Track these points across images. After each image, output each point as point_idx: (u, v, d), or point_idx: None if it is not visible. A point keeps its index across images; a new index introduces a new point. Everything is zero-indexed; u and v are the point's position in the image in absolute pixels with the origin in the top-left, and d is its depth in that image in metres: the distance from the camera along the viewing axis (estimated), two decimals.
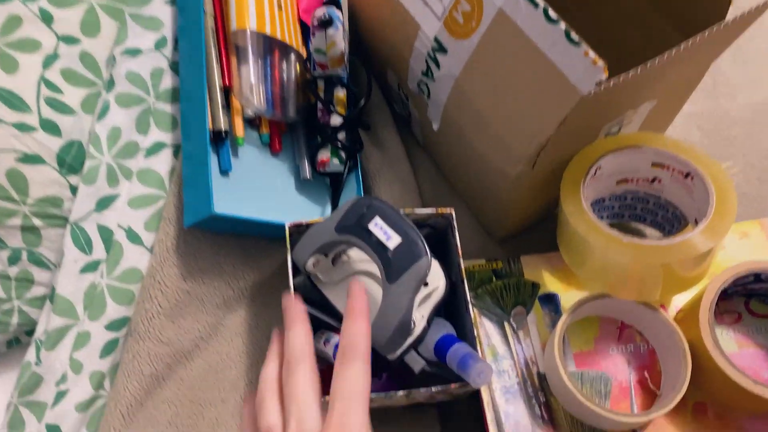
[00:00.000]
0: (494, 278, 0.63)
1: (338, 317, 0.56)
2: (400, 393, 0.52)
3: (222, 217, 0.56)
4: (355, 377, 0.38)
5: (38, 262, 0.61)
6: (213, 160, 0.59)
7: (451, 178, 0.71)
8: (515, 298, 0.61)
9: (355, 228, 0.52)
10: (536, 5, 0.48)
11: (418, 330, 0.52)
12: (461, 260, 0.57)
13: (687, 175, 0.56)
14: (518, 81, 0.52)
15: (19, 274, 0.61)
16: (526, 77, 0.51)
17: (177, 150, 0.62)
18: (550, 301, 0.61)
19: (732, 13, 0.51)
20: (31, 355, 0.58)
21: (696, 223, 0.55)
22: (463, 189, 0.69)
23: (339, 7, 0.67)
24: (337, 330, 0.56)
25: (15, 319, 0.62)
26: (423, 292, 0.54)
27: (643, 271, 0.53)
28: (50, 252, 0.61)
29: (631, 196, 0.63)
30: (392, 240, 0.50)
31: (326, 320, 0.56)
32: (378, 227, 0.51)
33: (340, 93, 0.67)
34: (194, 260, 0.60)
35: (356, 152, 0.67)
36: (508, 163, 0.56)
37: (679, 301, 0.60)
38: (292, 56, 0.67)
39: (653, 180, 0.59)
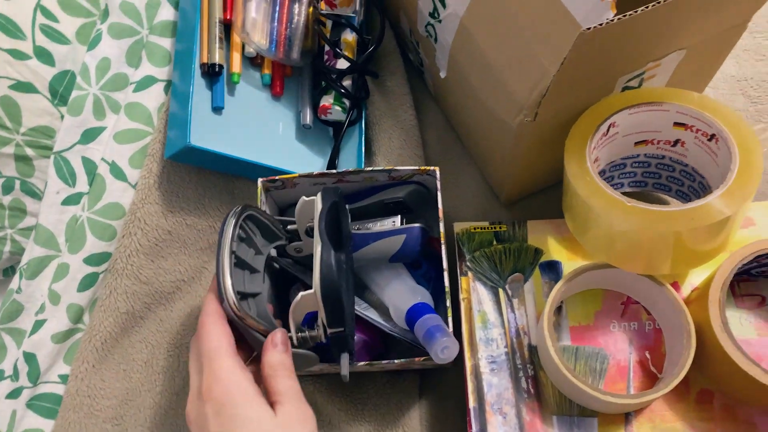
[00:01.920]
0: (495, 242, 0.58)
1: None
2: (361, 363, 0.49)
3: (201, 151, 0.54)
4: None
5: (30, 192, 0.61)
6: (200, 94, 0.57)
7: (459, 131, 0.66)
8: (514, 264, 0.57)
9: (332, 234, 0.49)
10: None
11: None
12: (441, 222, 0.53)
13: (712, 137, 0.49)
14: (521, 18, 0.47)
15: (12, 203, 0.60)
16: (529, 14, 0.46)
17: (168, 86, 0.60)
18: (552, 269, 0.56)
19: None
20: (14, 283, 0.58)
21: None
22: (470, 144, 0.65)
23: None
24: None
25: (8, 248, 0.62)
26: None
27: (650, 240, 0.47)
28: (41, 183, 0.60)
29: (656, 162, 0.57)
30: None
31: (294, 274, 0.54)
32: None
33: (349, 36, 0.64)
34: (177, 200, 0.58)
35: (361, 101, 0.64)
36: (510, 113, 0.51)
37: (696, 278, 0.54)
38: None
39: (675, 143, 0.53)
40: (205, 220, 0.59)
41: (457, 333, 0.54)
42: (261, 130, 0.61)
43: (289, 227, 0.53)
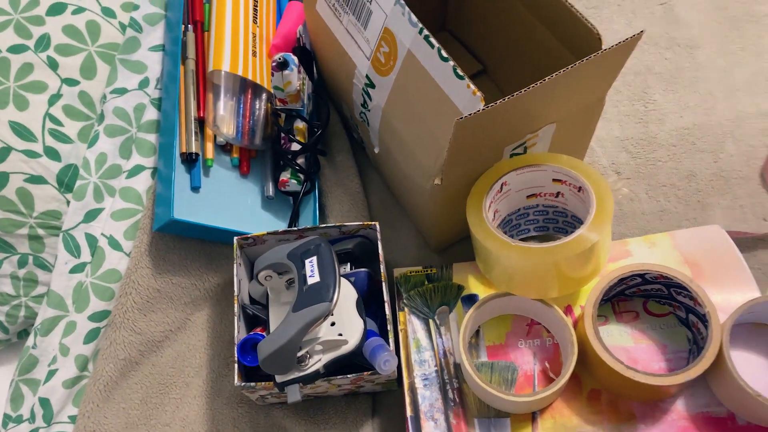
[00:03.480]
0: (426, 282, 0.71)
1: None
2: (320, 381, 0.61)
3: (183, 223, 0.67)
4: None
5: (42, 265, 0.73)
6: (181, 176, 0.71)
7: (395, 193, 0.80)
8: (441, 299, 0.70)
9: (297, 258, 0.62)
10: (432, 46, 0.58)
11: (310, 369, 0.59)
12: (382, 266, 0.66)
13: (579, 188, 0.64)
14: (424, 108, 0.62)
15: (26, 275, 0.73)
16: (429, 105, 0.61)
17: (154, 172, 0.74)
18: (471, 301, 0.69)
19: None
20: (30, 341, 0.70)
21: None
22: (404, 203, 0.79)
23: (306, 52, 0.79)
24: (267, 328, 0.66)
25: (22, 313, 0.74)
26: (332, 337, 0.60)
27: (536, 271, 0.61)
28: (51, 257, 0.73)
29: (552, 210, 0.71)
30: (313, 278, 0.59)
31: (264, 318, 0.66)
32: (310, 264, 0.61)
33: (300, 124, 0.78)
34: (164, 264, 0.71)
35: (313, 174, 0.78)
36: (423, 179, 0.65)
37: (584, 301, 0.67)
38: (263, 94, 0.78)
39: (557, 194, 0.67)
40: (187, 279, 0.72)
41: (398, 357, 0.66)
42: (232, 202, 0.75)
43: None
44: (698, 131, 0.81)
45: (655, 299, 0.66)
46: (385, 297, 0.65)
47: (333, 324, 0.62)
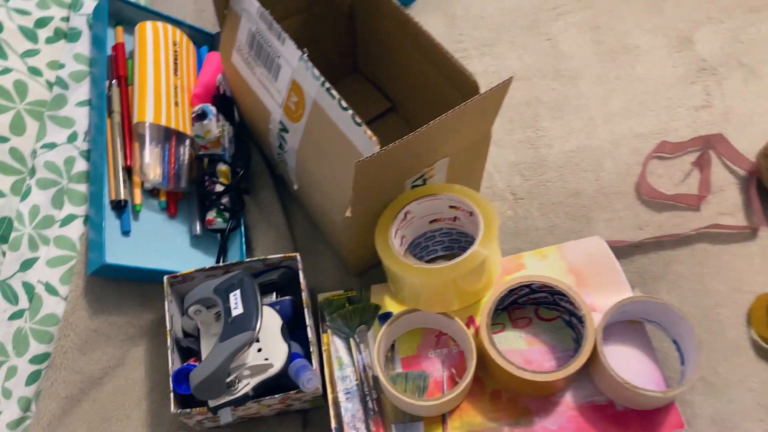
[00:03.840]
0: (347, 304, 0.79)
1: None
2: (250, 402, 0.67)
3: (115, 266, 0.73)
4: None
5: None
6: (111, 222, 0.76)
7: (315, 224, 0.88)
8: (360, 319, 0.77)
9: (222, 292, 0.68)
10: (333, 97, 0.66)
11: (240, 392, 0.65)
12: (304, 293, 0.73)
13: (471, 213, 0.73)
14: (332, 151, 0.70)
15: None
16: (335, 148, 0.69)
17: (86, 219, 0.79)
18: (387, 319, 0.77)
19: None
20: None
21: None
22: (324, 233, 0.86)
23: (226, 99, 0.86)
24: (200, 358, 0.71)
25: None
26: (258, 362, 0.66)
27: (437, 288, 0.69)
28: None
29: (456, 232, 0.80)
30: (238, 310, 0.66)
31: (197, 349, 0.72)
32: (234, 297, 0.67)
33: (222, 167, 0.85)
34: (100, 305, 0.76)
35: (238, 212, 0.84)
36: (336, 213, 0.72)
37: None
38: (187, 140, 0.85)
39: (454, 219, 0.76)
40: (123, 318, 0.77)
41: (322, 375, 0.73)
42: (162, 243, 0.81)
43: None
44: (582, 153, 0.92)
45: (544, 306, 0.75)
46: (308, 321, 0.72)
47: (260, 350, 0.69)
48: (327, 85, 0.67)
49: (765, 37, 0.99)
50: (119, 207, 0.78)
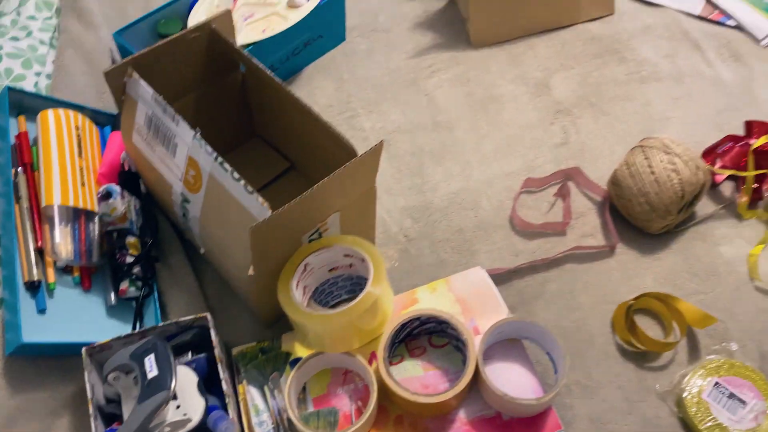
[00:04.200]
0: (260, 355, 0.85)
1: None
2: None
3: (33, 344, 0.77)
4: None
5: None
6: (27, 302, 0.80)
7: (226, 281, 0.94)
8: (273, 367, 0.84)
9: (138, 357, 0.74)
10: (226, 170, 0.74)
11: None
12: (216, 349, 0.79)
13: (363, 259, 0.82)
14: (230, 217, 0.77)
15: None
16: (233, 214, 0.76)
17: (1, 302, 0.83)
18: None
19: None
20: None
21: None
22: (234, 289, 0.93)
23: (131, 175, 0.92)
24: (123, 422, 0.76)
25: None
26: (178, 418, 0.72)
27: (337, 330, 0.77)
28: None
29: (356, 276, 0.88)
30: (153, 372, 0.72)
31: (120, 414, 0.77)
32: (149, 360, 0.73)
33: (131, 239, 0.90)
34: (21, 383, 0.79)
35: (149, 280, 0.90)
36: (241, 271, 0.80)
37: None
38: (96, 217, 0.90)
39: (350, 265, 0.85)
40: (45, 393, 0.81)
41: (241, 423, 0.79)
42: (78, 316, 0.85)
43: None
44: (462, 194, 1.03)
45: (435, 334, 0.84)
46: (222, 375, 0.78)
47: (178, 406, 0.74)
48: (219, 159, 0.75)
49: (607, 80, 1.15)
50: (33, 287, 0.82)
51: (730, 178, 1.01)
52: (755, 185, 0.98)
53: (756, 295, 0.91)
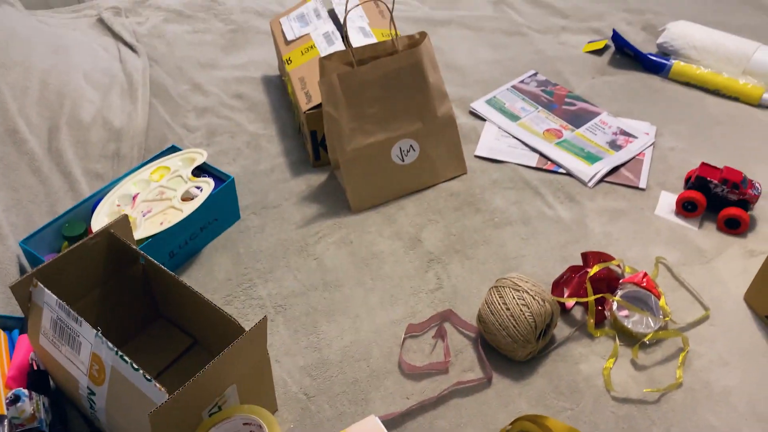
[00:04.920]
0: None
1: None
2: None
3: None
4: None
5: None
6: None
7: None
8: None
9: None
10: (126, 362, 0.83)
11: None
12: None
13: (260, 425, 0.90)
14: (133, 404, 0.85)
15: None
16: (135, 401, 0.84)
17: None
18: None
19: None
20: None
21: None
22: None
23: (41, 373, 0.98)
24: None
25: None
26: None
27: None
28: None
29: None
30: None
31: None
32: None
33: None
34: None
35: None
36: None
37: None
38: (5, 420, 0.95)
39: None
40: None
41: None
42: None
43: None
44: (354, 346, 1.15)
45: None
46: None
47: None
48: (119, 353, 0.84)
49: (468, 228, 1.34)
50: None
51: (578, 303, 1.18)
52: (598, 308, 1.15)
53: (613, 403, 1.05)
